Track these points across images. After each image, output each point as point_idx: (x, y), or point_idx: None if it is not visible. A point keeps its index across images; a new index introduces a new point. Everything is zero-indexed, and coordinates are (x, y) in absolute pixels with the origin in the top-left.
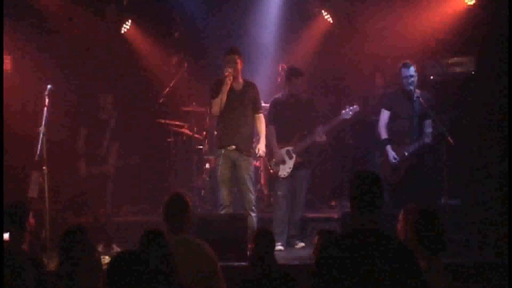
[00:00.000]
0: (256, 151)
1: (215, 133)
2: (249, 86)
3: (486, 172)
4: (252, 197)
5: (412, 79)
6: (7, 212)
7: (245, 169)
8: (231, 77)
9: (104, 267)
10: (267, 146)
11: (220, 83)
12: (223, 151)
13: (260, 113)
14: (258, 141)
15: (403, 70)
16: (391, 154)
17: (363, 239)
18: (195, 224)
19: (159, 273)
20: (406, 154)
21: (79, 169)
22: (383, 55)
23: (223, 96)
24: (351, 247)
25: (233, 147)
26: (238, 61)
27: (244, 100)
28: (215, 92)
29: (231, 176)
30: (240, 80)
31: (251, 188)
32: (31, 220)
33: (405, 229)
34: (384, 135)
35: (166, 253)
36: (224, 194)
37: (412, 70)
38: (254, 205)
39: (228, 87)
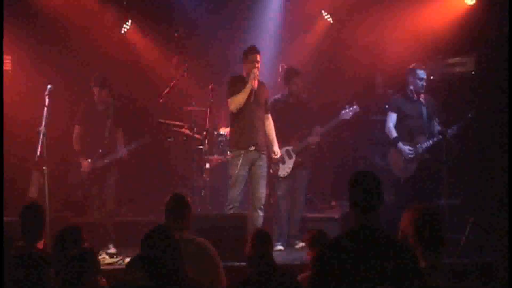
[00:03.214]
0: (274, 155)
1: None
2: (262, 85)
3: (486, 172)
4: (263, 196)
5: (424, 82)
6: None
7: (263, 167)
8: (257, 79)
9: (105, 267)
10: (266, 146)
11: (241, 81)
12: (243, 152)
13: (269, 113)
14: (271, 143)
15: (420, 72)
16: (406, 148)
17: (363, 238)
18: (195, 224)
19: (170, 272)
20: (420, 149)
21: (81, 165)
22: (383, 55)
23: (245, 96)
24: (351, 247)
25: (253, 147)
26: (260, 60)
27: (260, 100)
28: (234, 90)
29: (246, 177)
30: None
31: (264, 187)
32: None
33: (407, 228)
34: (393, 134)
35: (176, 251)
36: (236, 194)
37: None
38: (263, 204)
39: (251, 88)
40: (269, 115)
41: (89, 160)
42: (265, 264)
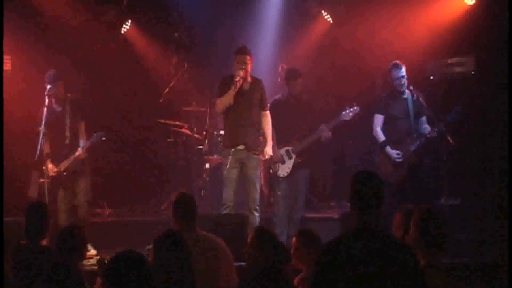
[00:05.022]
0: (264, 153)
1: (221, 132)
2: (256, 83)
3: (486, 172)
4: (257, 196)
5: (404, 80)
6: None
7: (253, 168)
8: (241, 80)
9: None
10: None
11: (229, 82)
12: (232, 151)
13: (267, 110)
14: (265, 142)
15: (395, 71)
16: (393, 152)
17: (364, 239)
18: None
19: (176, 276)
20: (409, 152)
21: (47, 168)
22: (383, 55)
23: (230, 98)
24: (351, 247)
25: (243, 146)
26: (249, 61)
27: (252, 99)
28: (223, 91)
29: (237, 176)
30: (248, 79)
31: (258, 187)
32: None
33: (405, 229)
34: (381, 137)
35: (186, 255)
36: (229, 194)
37: (403, 70)
38: (258, 205)
39: (236, 90)
40: (267, 112)
41: (54, 163)
42: (265, 264)
